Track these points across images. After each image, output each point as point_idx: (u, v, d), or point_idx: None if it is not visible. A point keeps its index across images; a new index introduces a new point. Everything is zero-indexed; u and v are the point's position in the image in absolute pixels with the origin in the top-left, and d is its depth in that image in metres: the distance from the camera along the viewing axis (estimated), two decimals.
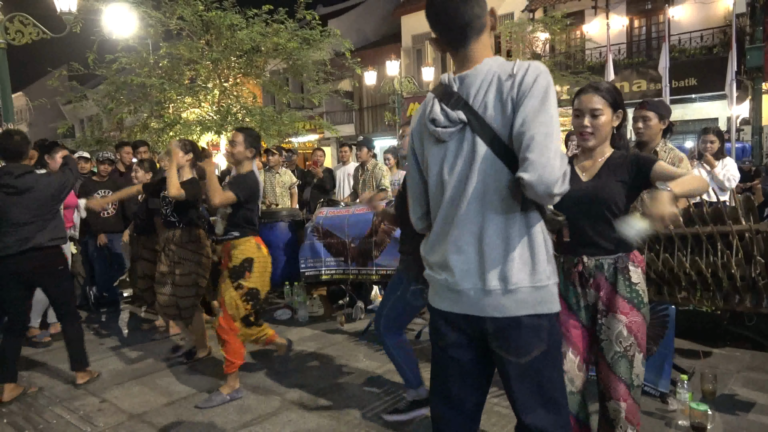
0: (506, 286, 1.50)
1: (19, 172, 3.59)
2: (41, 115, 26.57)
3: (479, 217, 1.52)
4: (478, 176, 1.52)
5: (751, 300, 2.66)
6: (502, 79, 1.50)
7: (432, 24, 1.61)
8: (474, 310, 1.55)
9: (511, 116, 1.48)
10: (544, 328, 1.53)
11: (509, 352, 1.54)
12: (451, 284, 1.57)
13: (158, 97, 10.36)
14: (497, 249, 1.51)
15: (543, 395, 1.55)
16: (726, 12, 13.63)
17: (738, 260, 2.57)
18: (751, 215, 2.55)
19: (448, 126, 1.56)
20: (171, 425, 3.20)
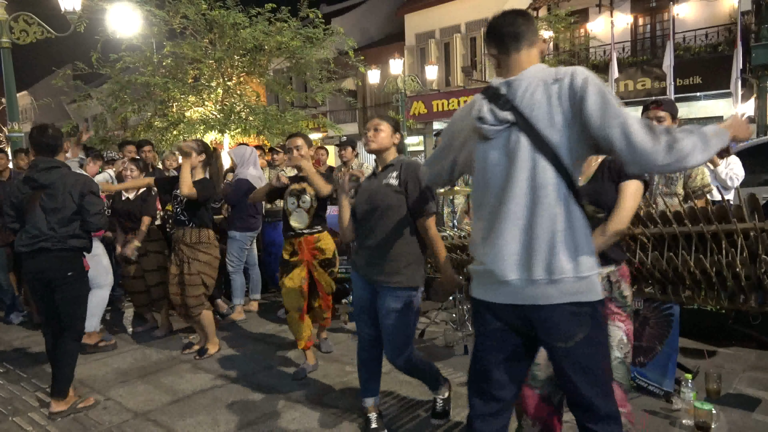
0: (551, 276, 1.60)
1: (44, 166, 3.36)
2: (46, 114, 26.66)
3: (526, 211, 1.63)
4: (523, 173, 1.63)
5: (756, 299, 2.65)
6: (548, 83, 1.65)
7: (489, 35, 1.80)
8: (519, 299, 1.65)
9: (561, 118, 1.61)
10: (586, 314, 1.63)
11: (554, 337, 1.65)
12: (498, 276, 1.66)
13: (162, 96, 10.39)
14: (543, 242, 1.60)
15: (588, 375, 1.66)
16: (731, 10, 13.57)
17: (743, 259, 2.56)
18: (756, 214, 2.54)
19: (495, 124, 1.69)
20: (175, 423, 3.21)
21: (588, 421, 1.71)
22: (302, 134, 3.88)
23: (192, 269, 4.08)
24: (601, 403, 1.68)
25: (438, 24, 19.90)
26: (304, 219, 3.77)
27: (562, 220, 1.61)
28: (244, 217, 5.23)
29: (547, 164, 1.61)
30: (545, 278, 1.60)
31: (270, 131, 10.80)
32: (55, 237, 3.33)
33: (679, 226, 2.71)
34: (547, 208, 1.60)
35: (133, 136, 10.52)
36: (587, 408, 1.70)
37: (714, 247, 2.65)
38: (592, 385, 1.67)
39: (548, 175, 1.61)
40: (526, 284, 1.62)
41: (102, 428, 3.19)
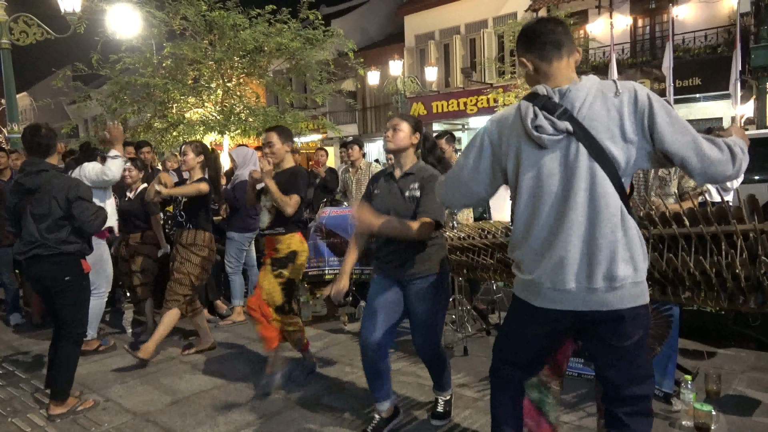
0: (611, 284, 1.67)
1: (32, 169, 3.29)
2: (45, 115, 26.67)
3: (585, 221, 1.67)
4: (583, 183, 1.67)
5: (755, 300, 2.64)
6: (607, 96, 1.68)
7: (527, 44, 1.81)
8: (579, 306, 1.72)
9: (620, 131, 1.66)
10: (643, 316, 1.73)
11: (614, 339, 1.73)
12: (556, 284, 1.71)
13: (162, 97, 10.40)
14: (603, 251, 1.66)
15: (636, 370, 1.78)
16: (730, 11, 13.59)
17: (742, 260, 2.56)
18: (755, 215, 2.54)
19: (553, 134, 1.70)
20: (175, 424, 3.20)
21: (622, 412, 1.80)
22: (279, 128, 3.70)
23: (183, 269, 4.15)
24: (646, 391, 1.80)
25: (438, 25, 19.93)
26: (265, 218, 3.67)
27: (620, 229, 1.66)
28: (242, 218, 5.23)
29: (605, 175, 1.66)
30: (605, 286, 1.67)
31: None
32: (46, 243, 3.26)
33: (679, 227, 2.72)
34: (606, 218, 1.66)
35: (132, 137, 10.51)
36: (631, 402, 1.79)
37: (713, 248, 2.65)
38: (640, 380, 1.78)
39: (606, 185, 1.66)
40: (586, 292, 1.69)
41: (101, 429, 3.19)
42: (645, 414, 1.80)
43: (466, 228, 4.14)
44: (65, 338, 3.38)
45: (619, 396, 1.80)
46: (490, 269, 3.89)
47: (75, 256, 3.37)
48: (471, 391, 3.43)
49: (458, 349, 4.19)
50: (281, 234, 3.61)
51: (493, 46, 18.38)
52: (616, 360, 1.77)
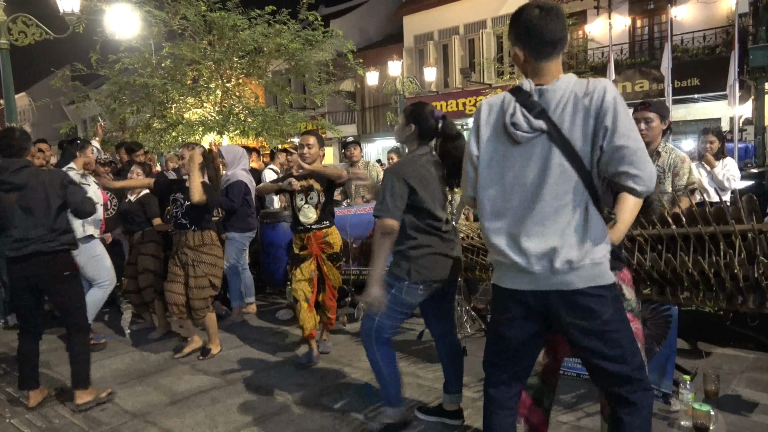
0: (570, 266, 1.77)
1: (15, 166, 3.33)
2: (44, 115, 26.66)
3: (552, 213, 1.78)
4: (552, 178, 1.77)
5: (754, 300, 2.65)
6: (578, 96, 1.75)
7: (524, 32, 1.83)
8: (544, 286, 1.82)
9: (590, 130, 1.74)
10: (606, 296, 1.81)
11: (582, 319, 1.81)
12: (523, 267, 1.82)
13: (161, 98, 10.38)
14: (566, 238, 1.77)
15: (614, 350, 1.83)
16: (729, 12, 13.61)
17: (741, 260, 2.57)
18: (754, 215, 2.55)
19: (528, 132, 1.79)
20: (174, 424, 3.20)
21: (622, 391, 1.85)
22: (316, 132, 4.03)
23: (198, 272, 4.14)
24: (635, 374, 1.84)
25: (436, 25, 19.94)
26: (312, 214, 3.93)
27: (582, 218, 1.78)
28: (243, 218, 5.22)
29: (573, 171, 1.76)
30: (566, 268, 1.77)
31: (269, 133, 10.80)
32: (46, 237, 3.31)
33: (678, 227, 2.72)
34: (570, 209, 1.77)
35: (131, 137, 10.50)
36: (621, 381, 1.84)
37: (712, 248, 2.65)
38: (623, 361, 1.83)
39: (573, 179, 1.77)
40: (550, 273, 1.79)
41: (100, 429, 3.19)
42: (645, 390, 1.86)
43: (464, 228, 4.14)
44: (71, 329, 3.51)
45: (608, 375, 1.85)
46: (489, 269, 3.89)
47: (69, 251, 3.49)
48: (470, 392, 3.43)
49: None
50: (327, 227, 3.98)
51: (492, 46, 18.39)
52: (592, 340, 1.83)
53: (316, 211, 3.95)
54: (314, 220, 3.95)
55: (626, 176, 1.72)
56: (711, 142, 4.93)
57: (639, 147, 1.71)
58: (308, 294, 3.93)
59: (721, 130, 5.31)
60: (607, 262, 1.83)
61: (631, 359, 1.84)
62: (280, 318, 5.37)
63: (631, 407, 1.84)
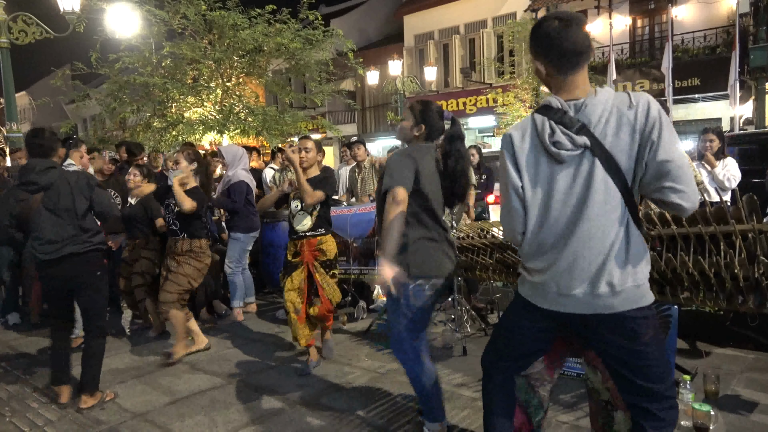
0: (612, 290, 1.73)
1: (41, 167, 3.30)
2: (44, 114, 26.64)
3: (596, 233, 1.73)
4: (599, 196, 1.72)
5: (754, 300, 2.65)
6: (622, 110, 1.70)
7: (542, 48, 1.78)
8: (583, 309, 1.78)
9: (636, 145, 1.69)
10: (648, 317, 1.78)
11: (621, 340, 1.78)
12: (562, 290, 1.79)
13: (161, 97, 10.39)
14: (609, 260, 1.73)
15: (653, 370, 1.81)
16: (729, 12, 13.61)
17: (741, 260, 2.56)
18: (754, 215, 2.54)
19: (571, 150, 1.73)
20: (173, 424, 3.20)
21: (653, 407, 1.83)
22: (313, 138, 3.99)
23: (180, 270, 4.15)
24: (667, 392, 1.83)
25: (437, 25, 19.93)
26: (307, 221, 3.84)
27: (624, 238, 1.73)
28: (246, 218, 5.21)
29: (617, 188, 1.71)
30: (608, 291, 1.73)
31: (269, 132, 10.80)
32: (79, 238, 3.31)
33: (678, 227, 2.72)
34: (614, 230, 1.72)
35: (131, 136, 10.51)
36: (655, 398, 1.83)
37: (712, 248, 2.65)
38: (659, 380, 1.81)
39: (617, 198, 1.72)
40: (590, 298, 1.75)
41: (100, 429, 3.19)
42: (672, 408, 1.85)
43: (465, 228, 4.14)
44: (92, 332, 3.48)
45: (641, 391, 1.83)
46: (489, 269, 3.89)
47: (100, 252, 3.48)
48: (469, 391, 3.43)
49: (457, 349, 4.20)
50: (322, 235, 3.87)
51: (492, 46, 18.38)
52: (627, 359, 1.80)
53: (311, 218, 3.85)
54: (308, 227, 3.85)
55: (672, 191, 1.66)
56: (711, 140, 4.93)
57: (684, 163, 1.66)
58: (298, 305, 3.81)
59: (721, 129, 5.30)
60: (647, 282, 1.79)
61: (665, 377, 1.83)
62: (280, 318, 5.37)
63: (658, 422, 1.83)
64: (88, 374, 3.45)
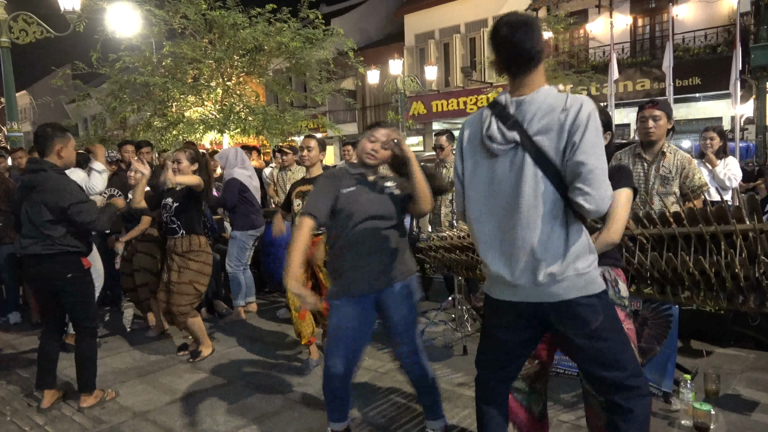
0: (554, 278, 1.77)
1: (31, 167, 3.32)
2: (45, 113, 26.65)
3: (529, 224, 1.78)
4: (529, 188, 1.77)
5: (755, 300, 2.65)
6: (556, 110, 1.75)
7: (496, 50, 1.85)
8: (531, 297, 1.84)
9: (563, 144, 1.73)
10: (596, 304, 1.81)
11: (571, 327, 1.83)
12: (508, 281, 1.84)
13: (161, 96, 10.39)
14: (547, 251, 1.77)
15: (607, 357, 1.84)
16: (730, 11, 13.58)
17: (742, 260, 2.56)
18: (755, 215, 2.54)
19: (502, 144, 1.81)
20: (174, 423, 3.21)
21: (617, 398, 1.85)
22: (316, 137, 3.97)
23: (183, 278, 4.10)
24: (628, 381, 1.84)
25: (437, 24, 19.92)
26: None
27: (561, 230, 1.78)
28: (243, 215, 5.21)
29: (548, 181, 1.76)
30: (549, 281, 1.78)
31: (269, 131, 10.80)
32: (44, 241, 3.25)
33: (678, 226, 2.72)
34: (548, 219, 1.77)
35: (132, 135, 10.51)
36: (616, 388, 1.85)
37: (713, 247, 2.65)
38: (616, 367, 1.83)
39: (549, 190, 1.76)
40: (534, 287, 1.80)
41: (101, 428, 3.19)
42: (642, 396, 1.86)
43: (465, 227, 4.14)
44: (80, 333, 3.46)
45: (604, 381, 1.86)
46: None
47: (74, 254, 3.35)
48: (470, 391, 3.43)
49: (458, 349, 4.20)
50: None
51: None
52: (582, 347, 1.84)
53: None
54: None
55: (579, 192, 1.71)
56: (711, 138, 4.91)
57: (598, 166, 1.70)
58: (298, 304, 3.83)
59: (722, 128, 5.28)
60: (595, 270, 1.83)
61: (626, 365, 1.84)
62: (281, 317, 5.37)
63: (625, 414, 1.84)
64: (84, 375, 3.45)
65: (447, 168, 5.29)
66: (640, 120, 3.45)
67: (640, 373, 1.89)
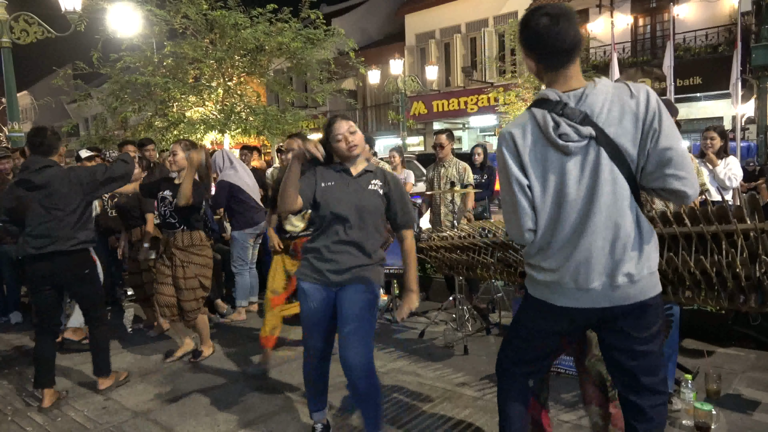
0: (631, 279, 1.73)
1: (37, 165, 3.38)
2: (46, 113, 26.67)
3: (609, 223, 1.72)
4: (607, 187, 1.71)
5: (756, 300, 2.64)
6: (624, 99, 1.70)
7: (535, 43, 1.76)
8: (603, 303, 1.77)
9: (639, 134, 1.69)
10: (660, 305, 1.82)
11: (636, 329, 1.79)
12: (580, 285, 1.76)
13: (162, 96, 10.40)
14: (624, 251, 1.72)
15: (655, 360, 1.83)
16: (731, 10, 13.58)
17: (743, 259, 2.56)
18: (756, 214, 2.54)
19: (578, 140, 1.71)
20: (174, 423, 3.21)
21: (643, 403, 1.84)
22: (302, 136, 3.87)
23: (188, 273, 4.05)
24: (660, 386, 1.84)
25: (438, 24, 19.92)
26: (299, 223, 3.70)
27: (635, 228, 1.74)
28: (240, 213, 5.22)
29: (623, 177, 1.71)
30: (627, 281, 1.73)
31: (270, 131, 10.81)
32: (66, 236, 3.37)
33: (679, 226, 2.71)
34: (626, 219, 1.72)
35: (133, 135, 10.52)
36: (650, 392, 1.83)
37: (714, 247, 2.64)
38: (654, 372, 1.83)
39: (624, 186, 1.72)
40: (609, 289, 1.74)
41: (101, 428, 3.19)
42: (664, 404, 1.87)
43: (466, 227, 4.14)
44: (92, 323, 3.67)
45: (640, 386, 1.84)
46: (491, 268, 3.89)
47: (87, 251, 3.56)
48: (471, 390, 3.43)
49: (458, 348, 4.19)
50: None
51: (493, 45, 18.37)
52: (637, 351, 1.81)
53: (303, 220, 3.68)
54: (301, 228, 3.69)
55: (675, 178, 1.66)
56: (711, 138, 4.90)
57: (684, 150, 1.68)
58: (279, 290, 3.84)
59: (723, 128, 5.27)
60: (657, 270, 1.82)
61: (659, 371, 1.85)
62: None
63: (649, 424, 1.84)
64: (99, 361, 3.68)
65: (446, 167, 5.29)
66: None
67: (666, 380, 1.93)
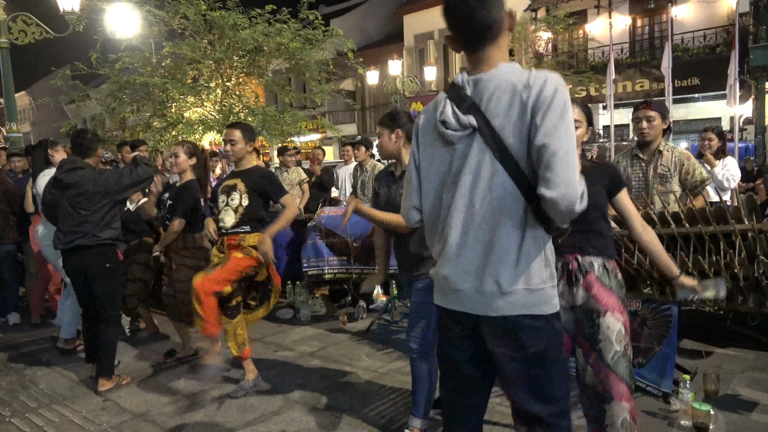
0: (500, 288, 1.53)
1: (69, 166, 3.65)
2: (44, 114, 26.67)
3: (483, 222, 1.54)
4: (482, 183, 1.53)
5: (754, 300, 2.66)
6: (517, 89, 1.49)
7: (448, 24, 1.61)
8: (470, 308, 1.60)
9: (525, 128, 1.48)
10: (541, 328, 1.55)
11: (504, 347, 1.58)
12: (450, 283, 1.61)
13: (161, 97, 10.38)
14: (496, 255, 1.53)
15: (539, 389, 1.59)
16: (729, 11, 13.61)
17: (741, 260, 2.57)
18: (754, 215, 2.55)
19: (458, 129, 1.56)
20: (174, 424, 3.21)
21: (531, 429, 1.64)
22: (243, 125, 3.67)
23: (180, 276, 4.03)
24: (550, 418, 1.60)
25: (437, 25, 19.92)
26: (229, 218, 3.55)
27: (519, 232, 1.52)
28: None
29: (507, 176, 1.51)
30: (495, 290, 1.53)
31: (269, 132, 10.80)
32: (90, 233, 3.60)
33: (678, 227, 2.72)
34: (503, 221, 1.52)
35: (131, 136, 10.50)
36: (534, 421, 1.62)
37: (712, 248, 2.65)
38: (542, 400, 1.59)
39: (507, 183, 1.51)
40: (477, 294, 1.56)
41: (100, 429, 3.19)
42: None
43: None
44: (104, 320, 3.75)
45: (523, 413, 1.63)
46: None
47: (113, 245, 3.76)
48: None
49: None
50: (247, 233, 3.52)
51: None
52: (512, 373, 1.59)
53: (235, 215, 3.52)
54: (231, 224, 3.51)
55: (542, 182, 1.42)
56: (710, 139, 4.91)
57: (561, 148, 1.41)
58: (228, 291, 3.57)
59: (721, 128, 5.28)
60: (550, 288, 1.56)
61: (553, 402, 1.59)
62: (281, 317, 5.37)
63: None
64: (103, 360, 3.74)
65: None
66: (635, 121, 3.46)
67: (566, 415, 1.63)
